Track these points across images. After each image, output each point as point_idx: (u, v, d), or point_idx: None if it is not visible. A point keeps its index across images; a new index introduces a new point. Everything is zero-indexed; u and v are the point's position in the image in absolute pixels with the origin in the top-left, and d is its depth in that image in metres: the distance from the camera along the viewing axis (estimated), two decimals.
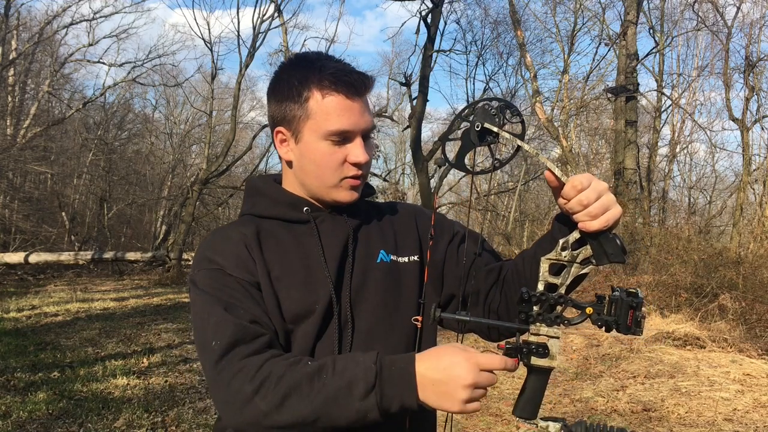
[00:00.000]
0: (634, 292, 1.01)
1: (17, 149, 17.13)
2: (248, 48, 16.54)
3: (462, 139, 1.10)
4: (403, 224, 1.35)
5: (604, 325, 1.01)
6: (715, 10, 15.05)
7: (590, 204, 1.02)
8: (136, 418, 4.55)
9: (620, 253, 1.02)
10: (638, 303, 1.00)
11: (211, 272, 1.16)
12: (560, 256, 1.06)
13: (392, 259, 1.28)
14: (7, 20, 17.66)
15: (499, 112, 1.07)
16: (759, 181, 14.93)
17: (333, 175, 1.20)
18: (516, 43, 15.50)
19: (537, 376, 1.05)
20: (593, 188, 1.02)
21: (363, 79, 1.19)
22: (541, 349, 1.03)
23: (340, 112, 1.17)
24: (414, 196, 22.82)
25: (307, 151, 1.21)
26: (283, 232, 1.25)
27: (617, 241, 1.03)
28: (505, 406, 5.17)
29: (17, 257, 14.59)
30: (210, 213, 21.28)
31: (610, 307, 1.01)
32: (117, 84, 21.61)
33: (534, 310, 1.03)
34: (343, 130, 1.18)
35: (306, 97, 1.18)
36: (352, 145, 1.19)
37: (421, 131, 15.59)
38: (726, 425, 4.86)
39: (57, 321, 8.57)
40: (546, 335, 1.03)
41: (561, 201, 1.07)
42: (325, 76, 1.17)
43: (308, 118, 1.19)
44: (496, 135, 1.08)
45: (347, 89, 1.17)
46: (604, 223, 1.02)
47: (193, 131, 26.75)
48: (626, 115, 12.85)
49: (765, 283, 8.83)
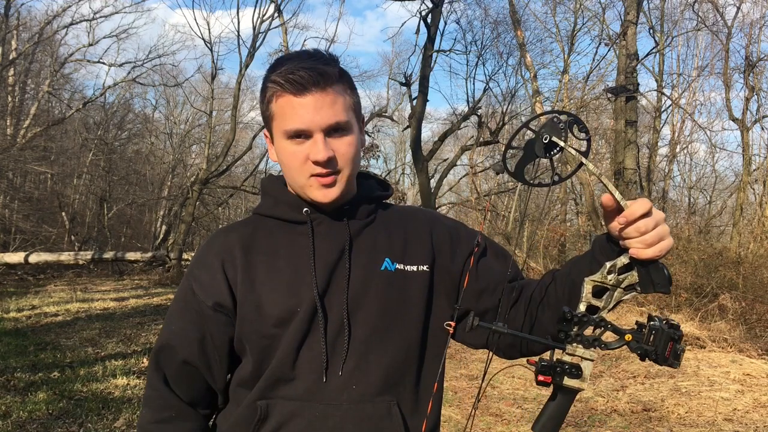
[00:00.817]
0: (676, 324, 1.01)
1: (17, 149, 17.13)
2: (248, 48, 16.55)
3: (524, 149, 1.07)
4: (416, 232, 1.29)
5: (642, 353, 1.01)
6: (715, 10, 15.05)
7: (648, 232, 1.00)
8: (136, 418, 4.55)
9: (666, 283, 1.02)
10: (679, 336, 1.00)
11: (186, 283, 1.27)
12: (605, 279, 1.04)
13: (397, 268, 1.23)
14: (7, 20, 17.66)
15: (567, 127, 1.05)
16: (759, 181, 14.94)
17: (299, 175, 1.19)
18: (516, 43, 15.50)
19: (564, 395, 1.04)
20: (653, 217, 1.01)
21: (313, 75, 1.14)
22: (575, 369, 1.02)
23: (290, 111, 1.16)
24: (414, 196, 22.85)
25: (278, 151, 1.22)
26: (280, 232, 1.24)
27: (665, 272, 1.02)
28: (505, 406, 5.17)
29: (17, 257, 14.59)
30: (210, 213, 21.29)
31: (650, 335, 1.01)
32: (117, 84, 21.62)
33: (573, 330, 1.02)
34: (296, 129, 1.16)
35: (268, 99, 1.19)
36: (311, 143, 1.16)
37: (421, 131, 15.60)
38: (726, 425, 4.86)
39: (57, 321, 8.57)
40: (581, 356, 1.02)
41: (614, 224, 1.05)
42: (276, 77, 1.16)
43: (273, 119, 1.20)
44: (561, 149, 1.06)
45: (293, 87, 1.15)
46: (657, 252, 1.01)
47: (193, 131, 26.76)
48: (626, 115, 12.85)
49: (765, 283, 8.83)
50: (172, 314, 1.29)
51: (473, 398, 5.44)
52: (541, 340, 1.06)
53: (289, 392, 1.17)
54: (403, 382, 1.21)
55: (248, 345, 1.20)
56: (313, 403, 1.16)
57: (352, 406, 1.16)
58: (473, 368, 6.34)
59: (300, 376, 1.17)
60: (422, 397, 1.23)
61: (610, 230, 1.08)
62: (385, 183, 1.35)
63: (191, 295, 1.24)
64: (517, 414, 4.99)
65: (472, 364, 6.45)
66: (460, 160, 18.97)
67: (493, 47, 18.02)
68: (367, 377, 1.17)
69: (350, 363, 1.17)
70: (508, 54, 17.69)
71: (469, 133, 21.58)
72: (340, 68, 1.19)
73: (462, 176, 23.58)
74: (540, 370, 1.02)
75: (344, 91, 1.19)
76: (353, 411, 1.16)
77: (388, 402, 1.18)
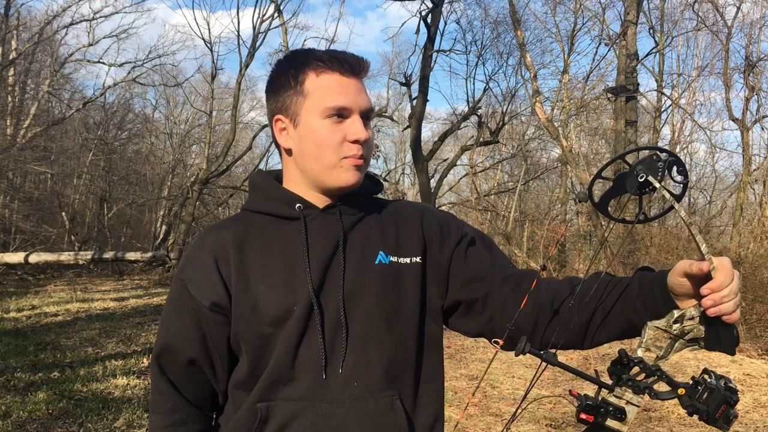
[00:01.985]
0: (734, 388, 0.97)
1: (17, 149, 17.13)
2: (248, 48, 16.54)
3: (614, 182, 1.04)
4: (408, 223, 1.29)
5: (692, 411, 0.97)
6: (715, 10, 15.05)
7: (737, 295, 0.98)
8: (136, 418, 4.55)
9: (733, 345, 0.98)
10: (735, 401, 0.96)
11: (178, 282, 1.25)
12: (670, 327, 1.00)
13: (392, 261, 1.22)
14: (7, 20, 17.66)
15: (665, 167, 1.01)
16: (759, 181, 14.92)
17: (333, 155, 1.18)
18: (516, 43, 15.49)
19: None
20: (737, 279, 0.99)
21: (358, 59, 1.20)
22: (619, 413, 0.98)
23: (337, 88, 1.17)
24: (414, 196, 22.82)
25: (306, 132, 1.19)
26: (272, 228, 1.23)
27: (734, 332, 0.98)
28: (505, 406, 5.17)
29: (17, 257, 14.59)
30: (210, 213, 21.28)
31: (704, 393, 0.96)
32: (117, 84, 21.59)
33: (626, 374, 0.99)
34: (340, 106, 1.16)
35: (301, 80, 1.19)
36: (350, 122, 1.17)
37: (421, 131, 15.60)
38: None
39: (57, 321, 8.57)
40: (628, 401, 0.99)
41: (686, 283, 1.01)
42: (318, 56, 1.19)
43: (305, 99, 1.18)
44: (653, 189, 1.01)
45: (341, 66, 1.17)
46: (738, 315, 0.99)
47: (193, 131, 26.74)
48: (626, 115, 12.86)
49: (765, 283, 8.84)
50: (168, 316, 1.26)
51: (473, 398, 5.44)
52: (590, 378, 1.02)
53: (289, 393, 1.16)
54: (403, 376, 1.20)
55: (244, 345, 1.19)
56: (315, 403, 1.14)
57: (355, 403, 1.15)
58: (473, 368, 6.33)
59: (299, 375, 1.16)
60: (423, 389, 1.23)
61: (680, 285, 1.03)
62: (376, 178, 1.34)
63: (187, 295, 1.22)
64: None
65: (472, 364, 6.44)
66: (460, 160, 18.97)
67: (493, 47, 18.03)
68: (368, 373, 1.16)
69: (350, 360, 1.16)
70: (508, 54, 17.71)
71: (469, 133, 21.58)
72: None
73: (462, 176, 23.56)
74: (584, 409, 0.99)
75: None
76: (356, 408, 1.15)
77: (390, 397, 1.17)
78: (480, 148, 18.39)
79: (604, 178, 1.06)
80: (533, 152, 19.90)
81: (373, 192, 1.31)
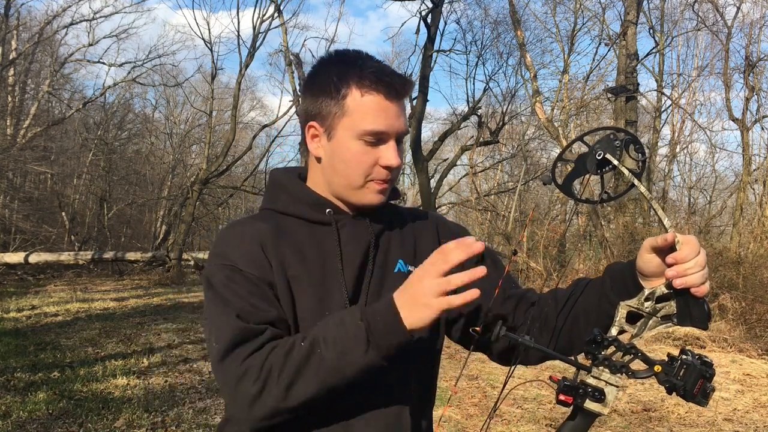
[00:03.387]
0: (709, 362, 0.98)
1: (17, 149, 17.13)
2: (248, 48, 16.55)
3: (576, 163, 1.06)
4: (424, 232, 1.31)
5: (670, 387, 0.99)
6: (715, 10, 15.04)
7: (703, 267, 1.00)
8: (136, 418, 4.55)
9: (705, 319, 1.00)
10: (711, 374, 0.97)
11: (223, 268, 1.14)
12: (642, 305, 1.02)
13: (410, 270, 1.23)
14: (7, 20, 17.66)
15: (623, 145, 1.03)
16: (759, 181, 14.92)
17: (361, 177, 1.17)
18: (516, 43, 15.49)
19: (584, 418, 1.01)
20: (703, 252, 1.01)
21: (403, 82, 1.17)
22: (598, 393, 0.99)
23: (377, 112, 1.14)
24: (414, 196, 22.82)
25: (338, 148, 1.17)
26: (302, 231, 1.21)
27: (705, 307, 1.00)
28: (505, 406, 5.17)
29: (17, 257, 14.59)
30: (210, 213, 21.30)
31: (680, 369, 0.98)
32: (117, 84, 21.60)
33: (602, 354, 1.00)
34: (378, 131, 1.14)
35: (344, 94, 1.15)
36: (386, 147, 1.16)
37: (421, 131, 15.59)
38: (726, 425, 4.86)
39: (57, 321, 8.57)
40: (606, 381, 1.00)
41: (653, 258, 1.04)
42: (366, 74, 1.14)
43: (344, 115, 1.16)
44: (614, 167, 1.04)
45: (387, 90, 1.14)
46: (707, 288, 1.00)
47: (193, 131, 26.74)
48: (626, 115, 12.85)
49: (765, 283, 8.84)
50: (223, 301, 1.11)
51: (473, 398, 5.44)
52: (567, 360, 1.02)
53: None
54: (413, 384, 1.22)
55: None
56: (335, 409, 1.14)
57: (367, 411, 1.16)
58: (473, 368, 6.33)
59: None
60: (425, 395, 1.25)
61: (648, 262, 1.05)
62: (394, 186, 1.34)
63: (240, 276, 1.13)
64: (517, 414, 4.99)
65: (472, 364, 6.44)
66: (460, 160, 18.96)
67: (493, 47, 18.03)
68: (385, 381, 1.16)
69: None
70: (508, 54, 17.70)
71: (469, 133, 21.58)
72: None
73: (462, 176, 23.56)
74: (562, 390, 1.00)
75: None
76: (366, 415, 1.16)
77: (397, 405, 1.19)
78: (480, 148, 18.38)
79: (566, 160, 1.08)
80: (533, 152, 19.89)
81: (392, 199, 1.31)
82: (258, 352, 1.05)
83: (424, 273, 1.01)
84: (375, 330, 1.02)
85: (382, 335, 1.02)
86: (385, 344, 1.02)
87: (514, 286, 1.30)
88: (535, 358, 1.23)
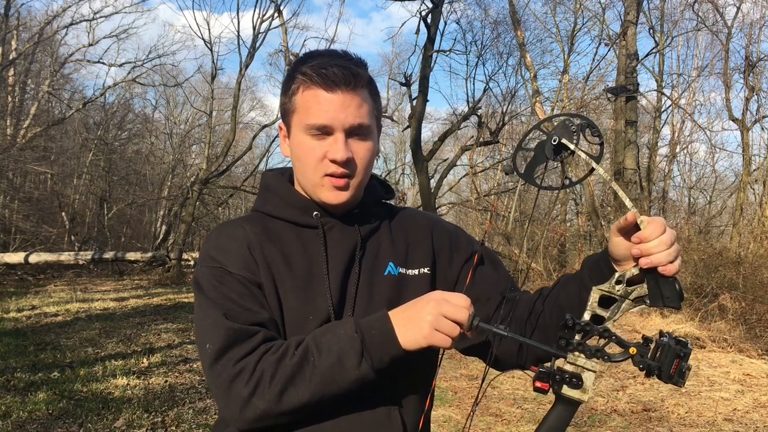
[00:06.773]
0: (684, 341, 0.98)
1: (17, 149, 17.13)
2: (248, 48, 16.56)
3: (535, 151, 1.06)
4: (417, 234, 1.29)
5: (645, 368, 0.98)
6: (715, 10, 15.05)
7: (672, 245, 0.99)
8: (136, 418, 4.55)
9: (677, 298, 0.99)
10: (686, 353, 0.97)
11: (213, 270, 1.15)
12: (613, 289, 1.02)
13: (400, 272, 1.23)
14: (7, 20, 17.66)
15: (579, 130, 1.04)
16: (759, 181, 14.93)
17: (314, 172, 1.16)
18: (516, 43, 15.50)
19: (564, 406, 1.01)
20: (670, 232, 1.00)
21: (346, 73, 1.13)
22: (575, 379, 0.99)
23: (317, 105, 1.13)
24: (414, 196, 22.83)
25: (294, 145, 1.19)
26: (290, 235, 1.21)
27: (676, 286, 0.99)
28: (505, 406, 5.17)
29: (17, 257, 14.59)
30: (210, 213, 21.30)
31: (656, 351, 0.98)
32: (117, 84, 21.63)
33: (575, 339, 1.00)
34: (320, 124, 1.13)
35: (293, 91, 1.17)
36: (332, 140, 1.14)
37: (421, 131, 15.59)
38: (726, 425, 4.86)
39: (57, 321, 8.57)
40: (583, 366, 0.99)
41: (621, 240, 1.05)
42: (307, 69, 1.14)
43: (294, 112, 1.17)
44: (572, 152, 1.04)
45: (323, 81, 1.12)
46: (676, 268, 0.99)
47: (193, 131, 26.76)
48: (626, 115, 12.85)
49: (765, 283, 8.84)
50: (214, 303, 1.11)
51: (473, 398, 5.44)
52: (541, 346, 1.02)
53: None
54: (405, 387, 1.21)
55: None
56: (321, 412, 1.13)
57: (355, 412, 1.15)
58: (473, 368, 6.33)
59: None
60: (418, 398, 1.23)
61: (616, 245, 1.06)
62: (388, 185, 1.34)
63: (229, 277, 1.14)
64: (517, 414, 4.99)
65: (471, 364, 6.44)
66: (460, 160, 18.97)
67: (493, 47, 18.03)
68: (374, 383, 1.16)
69: None
70: (508, 54, 17.71)
71: (469, 133, 21.57)
72: (369, 74, 1.19)
73: (462, 176, 23.57)
74: (537, 377, 1.00)
75: (369, 96, 1.18)
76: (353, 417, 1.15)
77: (387, 407, 1.17)
78: (480, 148, 18.39)
79: (525, 149, 1.09)
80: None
81: (385, 199, 1.31)
82: (251, 355, 1.05)
83: (431, 302, 1.04)
84: (369, 343, 1.04)
85: (376, 349, 1.04)
86: (378, 357, 1.04)
87: (513, 289, 1.29)
88: (530, 359, 1.22)
